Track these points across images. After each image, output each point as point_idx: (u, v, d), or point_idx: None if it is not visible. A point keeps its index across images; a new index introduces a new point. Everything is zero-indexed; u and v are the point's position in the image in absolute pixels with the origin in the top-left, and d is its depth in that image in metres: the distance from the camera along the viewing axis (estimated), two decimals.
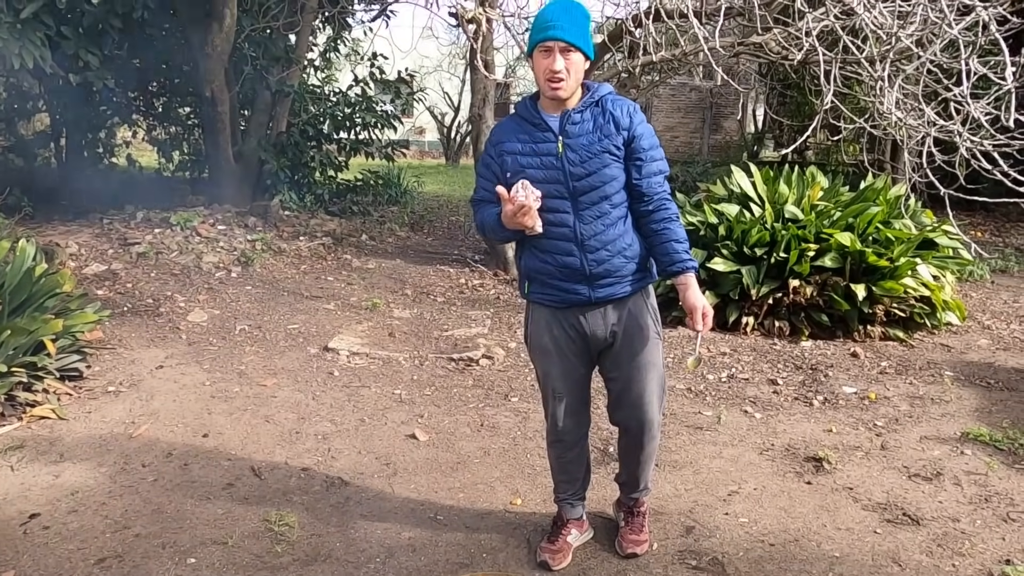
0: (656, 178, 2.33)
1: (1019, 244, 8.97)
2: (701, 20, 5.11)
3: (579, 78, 2.26)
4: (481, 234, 2.57)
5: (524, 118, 2.36)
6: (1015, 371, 4.57)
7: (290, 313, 5.42)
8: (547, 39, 2.19)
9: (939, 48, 4.92)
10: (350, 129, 9.38)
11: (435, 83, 17.82)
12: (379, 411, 3.83)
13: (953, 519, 2.88)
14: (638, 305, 2.41)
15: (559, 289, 2.37)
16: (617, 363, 2.43)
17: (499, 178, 2.36)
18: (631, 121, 2.29)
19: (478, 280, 6.65)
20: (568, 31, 2.18)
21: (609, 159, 2.27)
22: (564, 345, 2.43)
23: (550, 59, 2.19)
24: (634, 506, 2.69)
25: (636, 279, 2.38)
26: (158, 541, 2.65)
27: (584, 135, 2.27)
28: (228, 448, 3.37)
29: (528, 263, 2.43)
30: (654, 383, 2.45)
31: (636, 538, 2.63)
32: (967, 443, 3.54)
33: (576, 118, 2.29)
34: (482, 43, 5.68)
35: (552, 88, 2.23)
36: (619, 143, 2.28)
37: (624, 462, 2.65)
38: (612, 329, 2.39)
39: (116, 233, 6.86)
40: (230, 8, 6.94)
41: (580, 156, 2.26)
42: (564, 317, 2.41)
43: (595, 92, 2.32)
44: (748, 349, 4.92)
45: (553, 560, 2.53)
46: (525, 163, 2.31)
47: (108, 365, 4.27)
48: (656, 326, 2.46)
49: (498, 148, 2.38)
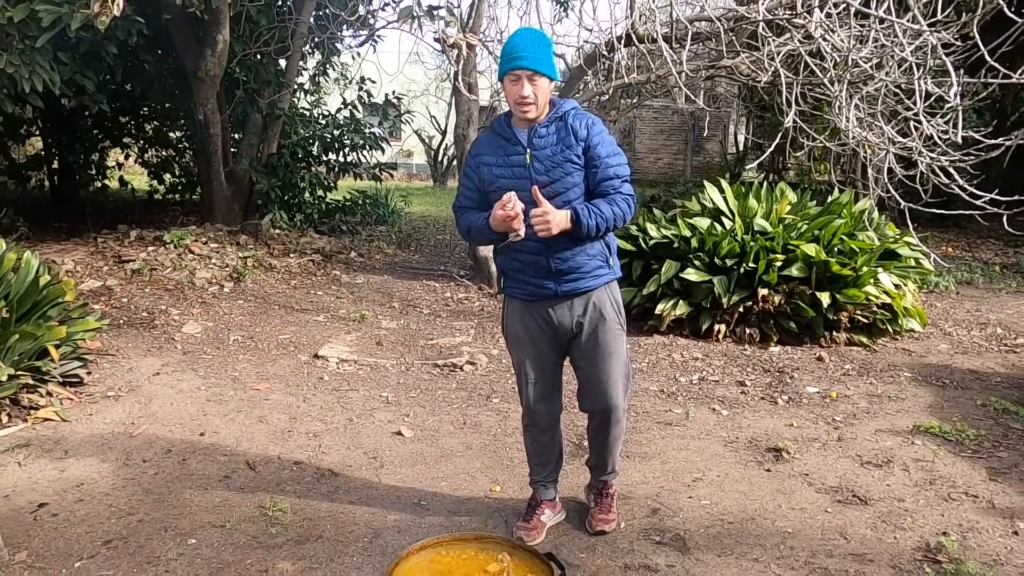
0: (611, 181, 2.55)
1: (986, 258, 9.30)
2: (671, 45, 5.42)
3: (546, 98, 2.54)
4: (464, 235, 2.80)
5: (499, 133, 2.65)
6: (970, 372, 4.83)
7: (281, 325, 5.62)
8: (515, 68, 2.46)
9: (895, 70, 5.25)
10: (339, 151, 9.64)
11: (422, 107, 18.18)
12: (367, 411, 4.04)
13: (898, 499, 3.11)
14: (601, 298, 2.65)
15: (529, 284, 2.65)
16: (583, 352, 2.68)
17: (476, 186, 2.67)
18: (588, 132, 2.54)
19: (463, 294, 6.88)
20: (533, 60, 2.45)
21: (571, 167, 2.54)
22: (535, 334, 2.69)
23: (518, 86, 2.47)
24: (603, 488, 2.92)
25: (599, 275, 2.64)
26: (160, 525, 2.84)
27: (548, 147, 2.54)
28: (224, 445, 3.57)
29: (503, 261, 2.72)
30: (618, 371, 2.69)
31: (605, 517, 2.86)
32: (918, 435, 3.79)
33: (542, 132, 2.56)
34: (464, 66, 5.97)
35: (522, 111, 2.52)
36: (579, 152, 2.54)
37: (593, 446, 2.88)
38: (578, 320, 2.64)
39: (110, 251, 7.06)
40: (222, 34, 7.21)
41: (544, 166, 2.54)
42: (534, 309, 2.67)
43: (559, 108, 2.60)
44: (719, 354, 5.16)
45: (528, 536, 2.74)
46: (499, 173, 2.59)
47: (107, 372, 4.46)
48: (619, 318, 2.70)
49: (476, 160, 2.68)
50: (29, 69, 4.46)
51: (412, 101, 15.74)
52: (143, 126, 11.12)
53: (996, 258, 9.29)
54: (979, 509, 3.04)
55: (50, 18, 3.74)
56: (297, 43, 8.10)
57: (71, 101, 6.83)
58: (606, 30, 6.00)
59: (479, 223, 2.60)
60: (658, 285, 5.56)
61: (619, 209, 2.53)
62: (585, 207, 2.50)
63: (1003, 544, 2.77)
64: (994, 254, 9.60)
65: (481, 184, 2.65)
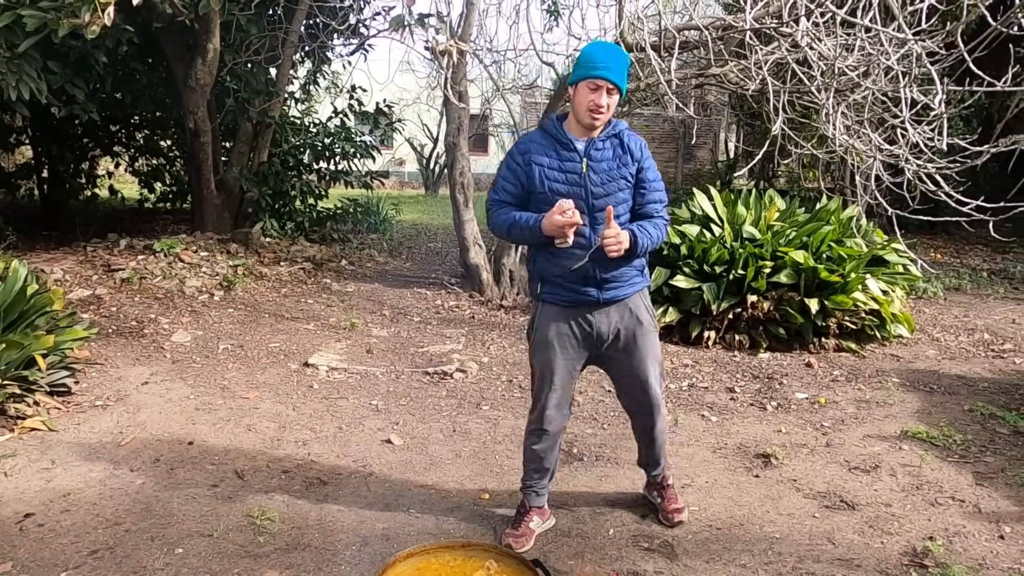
0: (655, 205, 2.73)
1: (974, 264, 9.36)
2: (660, 53, 5.45)
3: (612, 113, 2.64)
4: (498, 230, 2.78)
5: (552, 135, 2.69)
6: (957, 377, 4.86)
7: (271, 333, 5.61)
8: (599, 77, 2.53)
9: (881, 78, 5.30)
10: (330, 159, 9.65)
11: (414, 115, 18.20)
12: (356, 420, 4.03)
13: (886, 504, 3.13)
14: (637, 304, 2.77)
15: (570, 291, 2.71)
16: (623, 356, 2.79)
17: (523, 185, 2.70)
18: (641, 154, 2.69)
19: (454, 302, 6.88)
20: (617, 74, 2.55)
21: (624, 184, 2.67)
22: (568, 341, 2.76)
23: (597, 94, 2.54)
24: (662, 481, 3.04)
25: (635, 283, 2.76)
26: (147, 535, 2.83)
27: (605, 161, 2.65)
28: (212, 454, 3.56)
29: (543, 266, 2.75)
30: (656, 370, 2.83)
31: (676, 507, 2.96)
32: (905, 440, 3.81)
33: (600, 145, 2.65)
34: (454, 74, 5.99)
35: (592, 118, 2.58)
36: (632, 171, 2.68)
37: (642, 443, 3.02)
38: (615, 326, 2.74)
39: (100, 260, 7.03)
40: (213, 43, 7.21)
41: (601, 178, 2.64)
42: (572, 315, 2.74)
43: (615, 126, 2.69)
44: (709, 361, 5.18)
45: (516, 543, 2.74)
46: (552, 176, 2.65)
47: (95, 382, 4.44)
48: (652, 320, 2.83)
49: (526, 157, 2.69)
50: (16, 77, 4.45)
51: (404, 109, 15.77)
52: (134, 135, 11.10)
53: (984, 264, 9.35)
54: (965, 513, 3.05)
55: (35, 24, 3.73)
56: (288, 52, 8.11)
57: (61, 110, 6.81)
58: (595, 38, 6.02)
59: (526, 222, 2.62)
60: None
61: (660, 232, 2.71)
62: (640, 229, 2.63)
63: (988, 548, 2.79)
64: (982, 260, 9.67)
65: (527, 183, 2.68)
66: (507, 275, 7.16)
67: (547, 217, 2.54)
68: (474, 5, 6.35)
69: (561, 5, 7.36)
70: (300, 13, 7.86)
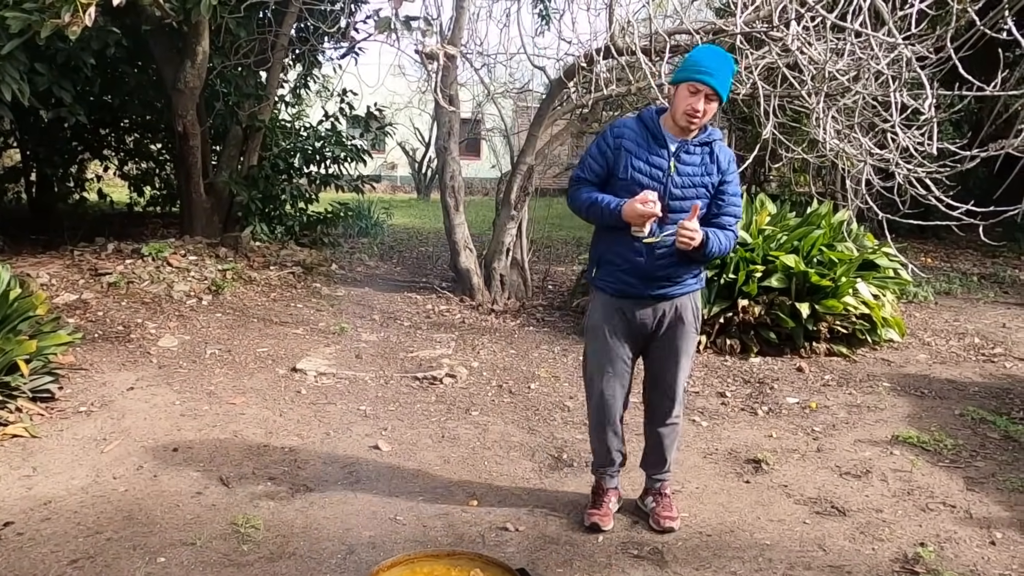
0: (730, 219, 2.74)
1: (965, 269, 9.39)
2: (651, 57, 5.44)
3: (708, 120, 2.65)
4: (573, 206, 2.82)
5: (647, 126, 2.72)
6: (948, 382, 4.86)
7: (259, 338, 5.56)
8: (701, 81, 2.53)
9: (872, 82, 5.30)
10: (320, 163, 9.60)
11: (406, 119, 18.16)
12: (344, 425, 3.99)
13: (877, 510, 3.11)
14: (684, 304, 2.79)
15: (620, 281, 2.75)
16: (658, 349, 2.84)
17: (608, 167, 2.73)
18: (728, 167, 2.72)
19: (444, 306, 6.85)
20: (720, 82, 2.54)
21: (704, 193, 2.69)
22: (616, 328, 2.80)
23: (696, 99, 2.54)
24: (660, 487, 3.01)
25: (688, 284, 2.79)
26: (129, 544, 2.78)
27: (692, 165, 2.67)
28: (197, 461, 3.51)
29: (601, 250, 2.82)
30: (684, 371, 2.89)
31: (669, 514, 2.93)
32: (896, 445, 3.79)
33: (692, 149, 2.68)
34: (443, 77, 5.96)
35: (688, 121, 2.60)
36: (715, 182, 2.70)
37: (650, 440, 3.02)
38: (659, 321, 2.78)
39: (87, 264, 6.96)
40: (202, 46, 7.16)
41: (684, 182, 2.66)
42: (620, 305, 2.78)
43: (710, 134, 2.71)
44: (700, 366, 5.16)
45: (603, 522, 2.88)
46: (637, 166, 2.68)
47: (79, 387, 4.38)
48: (695, 322, 2.85)
49: (618, 141, 2.72)
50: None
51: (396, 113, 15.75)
52: (123, 138, 11.02)
53: (974, 268, 9.38)
54: (956, 519, 3.04)
55: (19, 25, 3.68)
56: (278, 55, 8.06)
57: (48, 112, 6.75)
58: (586, 42, 6.02)
59: (607, 205, 2.65)
60: None
61: (728, 244, 2.72)
62: (713, 233, 2.65)
63: (980, 554, 2.77)
64: (972, 264, 9.69)
65: (613, 166, 2.71)
66: (498, 279, 7.13)
67: (629, 204, 2.56)
68: (464, 8, 6.33)
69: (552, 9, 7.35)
70: (290, 16, 7.82)
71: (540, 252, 9.51)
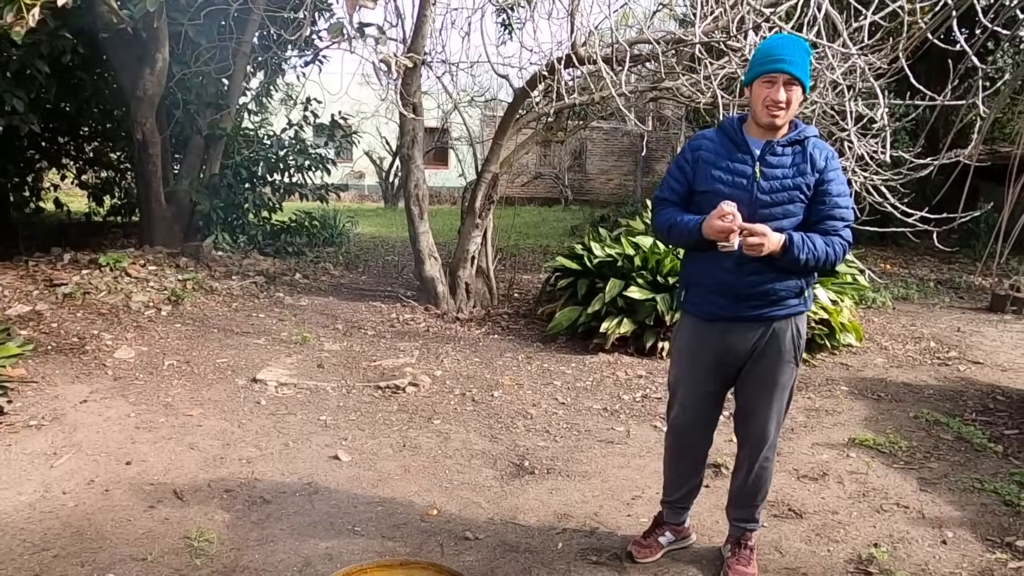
0: (835, 222, 2.40)
1: (922, 275, 9.60)
2: (612, 66, 5.49)
3: (795, 110, 2.39)
4: (660, 231, 2.59)
5: (727, 135, 2.48)
6: (904, 385, 4.94)
7: (219, 348, 5.47)
8: (773, 71, 2.30)
9: (828, 92, 5.40)
10: (284, 171, 9.51)
11: (373, 128, 18.09)
12: (304, 436, 3.93)
13: (832, 512, 3.15)
14: (782, 328, 2.48)
15: (709, 302, 2.49)
16: (749, 381, 2.55)
17: (688, 181, 2.51)
18: (826, 165, 2.39)
19: (409, 315, 6.81)
20: (794, 64, 2.30)
21: (797, 196, 2.39)
22: (702, 357, 2.55)
23: (774, 89, 2.31)
24: (741, 537, 2.71)
25: (787, 305, 2.47)
26: (77, 560, 2.70)
27: (781, 168, 2.40)
28: (151, 474, 3.43)
29: (688, 269, 2.59)
30: (777, 405, 2.55)
31: (744, 569, 2.62)
32: (853, 447, 3.85)
33: (778, 150, 2.41)
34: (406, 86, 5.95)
35: (771, 115, 2.34)
36: (811, 182, 2.39)
37: (735, 483, 2.72)
38: (752, 347, 2.49)
39: (41, 275, 6.80)
40: (161, 53, 7.07)
41: (772, 187, 2.39)
42: (708, 330, 2.53)
43: (801, 131, 2.43)
44: (663, 372, 5.19)
45: (638, 553, 2.73)
46: (716, 176, 2.43)
47: (30, 401, 4.27)
48: (795, 352, 2.53)
49: (696, 154, 2.50)
50: None
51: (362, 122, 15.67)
52: (83, 146, 10.82)
53: (931, 274, 9.59)
54: (910, 519, 3.09)
55: None
56: (240, 63, 7.99)
57: (0, 120, 6.60)
58: (549, 52, 6.05)
59: (687, 224, 2.43)
60: (603, 304, 5.58)
61: (833, 251, 2.38)
62: (801, 237, 2.35)
63: (931, 553, 2.82)
64: (929, 270, 9.92)
65: (693, 181, 2.49)
66: (463, 288, 7.11)
67: (707, 220, 2.32)
68: (426, 16, 6.33)
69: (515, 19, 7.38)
70: (252, 24, 7.76)
71: (507, 260, 9.52)
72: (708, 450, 2.76)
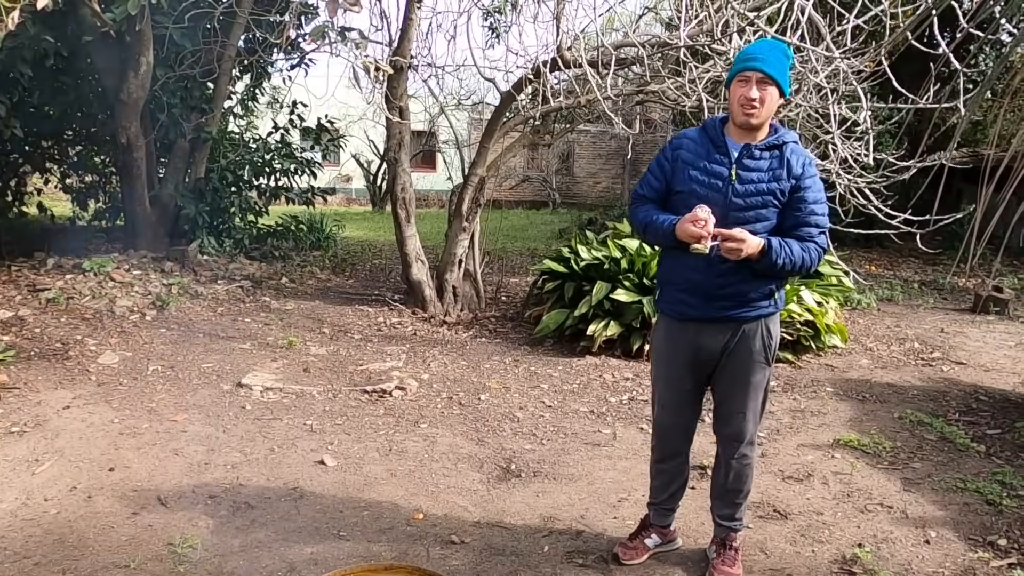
0: (810, 229, 2.40)
1: (906, 276, 9.67)
2: (598, 69, 5.50)
3: (771, 111, 2.39)
4: (633, 225, 2.62)
5: (708, 135, 2.50)
6: (888, 386, 4.98)
7: (205, 353, 5.44)
8: (746, 69, 2.34)
9: (812, 95, 5.44)
10: (270, 175, 9.47)
11: (360, 132, 18.05)
12: (289, 441, 3.91)
13: (817, 512, 3.16)
14: (752, 330, 2.50)
15: (680, 302, 2.52)
16: (723, 380, 2.58)
17: (667, 179, 2.52)
18: (803, 171, 2.40)
19: (396, 319, 6.80)
20: (767, 63, 2.33)
21: (772, 201, 2.40)
22: (676, 357, 2.59)
23: (746, 87, 2.34)
24: (725, 538, 2.72)
25: (757, 307, 2.49)
26: (58, 568, 2.68)
27: (757, 172, 2.41)
28: (135, 480, 3.41)
29: (661, 269, 2.63)
30: (752, 403, 2.58)
31: (729, 569, 2.64)
32: (838, 448, 3.87)
33: (756, 154, 2.42)
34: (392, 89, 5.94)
35: (744, 113, 2.36)
36: (786, 188, 2.39)
37: (716, 483, 2.74)
38: (723, 347, 2.51)
39: (24, 280, 6.74)
40: (146, 56, 7.03)
41: (747, 190, 2.40)
42: (681, 330, 2.56)
43: (780, 136, 2.45)
44: (649, 374, 5.19)
45: (624, 555, 2.73)
46: (693, 176, 2.45)
47: (12, 407, 4.22)
48: (766, 352, 2.55)
49: (676, 152, 2.52)
50: None
51: (350, 126, 15.64)
52: (67, 150, 10.72)
53: (915, 276, 9.67)
54: (893, 519, 3.11)
55: None
56: (225, 66, 7.95)
57: None
58: (535, 56, 6.06)
59: (661, 224, 2.44)
60: (589, 306, 5.59)
61: (809, 257, 2.40)
62: (779, 242, 2.36)
63: (915, 553, 2.84)
64: (914, 272, 9.99)
65: (671, 180, 2.50)
66: (450, 291, 7.10)
67: (681, 223, 2.34)
68: (413, 20, 6.32)
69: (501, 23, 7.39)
70: (238, 28, 7.73)
71: (494, 263, 9.52)
72: (689, 449, 2.78)
